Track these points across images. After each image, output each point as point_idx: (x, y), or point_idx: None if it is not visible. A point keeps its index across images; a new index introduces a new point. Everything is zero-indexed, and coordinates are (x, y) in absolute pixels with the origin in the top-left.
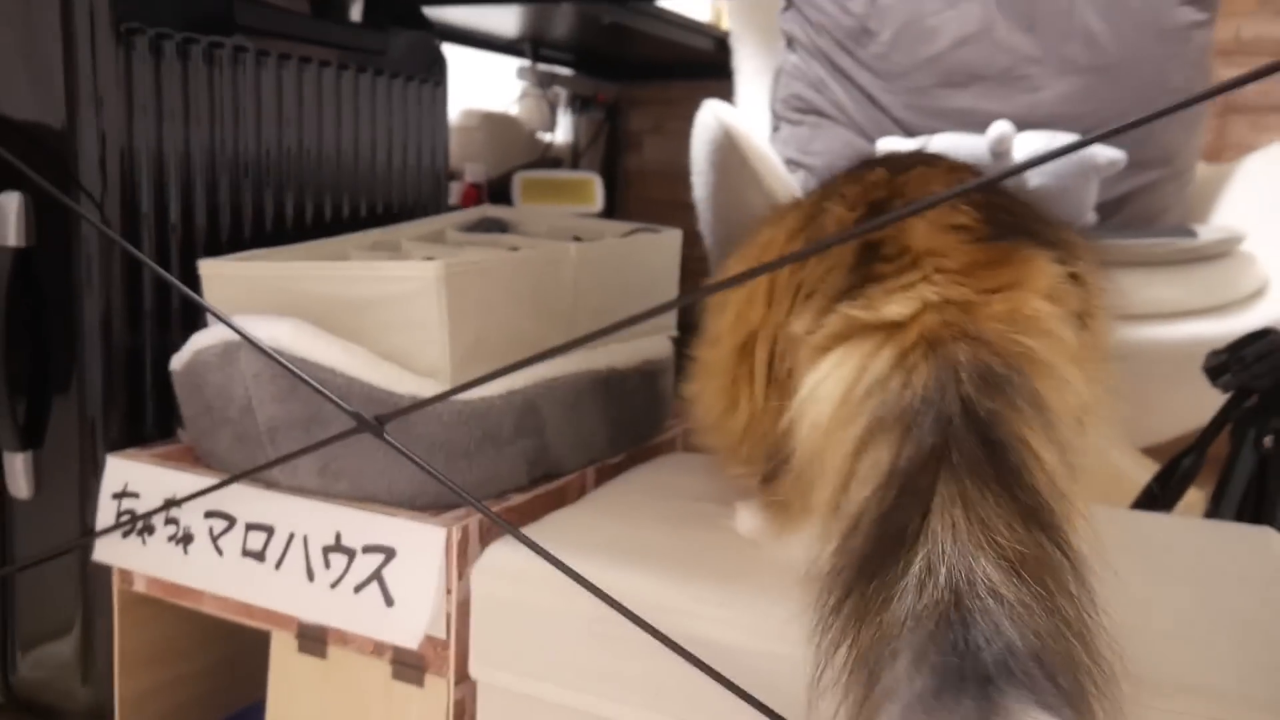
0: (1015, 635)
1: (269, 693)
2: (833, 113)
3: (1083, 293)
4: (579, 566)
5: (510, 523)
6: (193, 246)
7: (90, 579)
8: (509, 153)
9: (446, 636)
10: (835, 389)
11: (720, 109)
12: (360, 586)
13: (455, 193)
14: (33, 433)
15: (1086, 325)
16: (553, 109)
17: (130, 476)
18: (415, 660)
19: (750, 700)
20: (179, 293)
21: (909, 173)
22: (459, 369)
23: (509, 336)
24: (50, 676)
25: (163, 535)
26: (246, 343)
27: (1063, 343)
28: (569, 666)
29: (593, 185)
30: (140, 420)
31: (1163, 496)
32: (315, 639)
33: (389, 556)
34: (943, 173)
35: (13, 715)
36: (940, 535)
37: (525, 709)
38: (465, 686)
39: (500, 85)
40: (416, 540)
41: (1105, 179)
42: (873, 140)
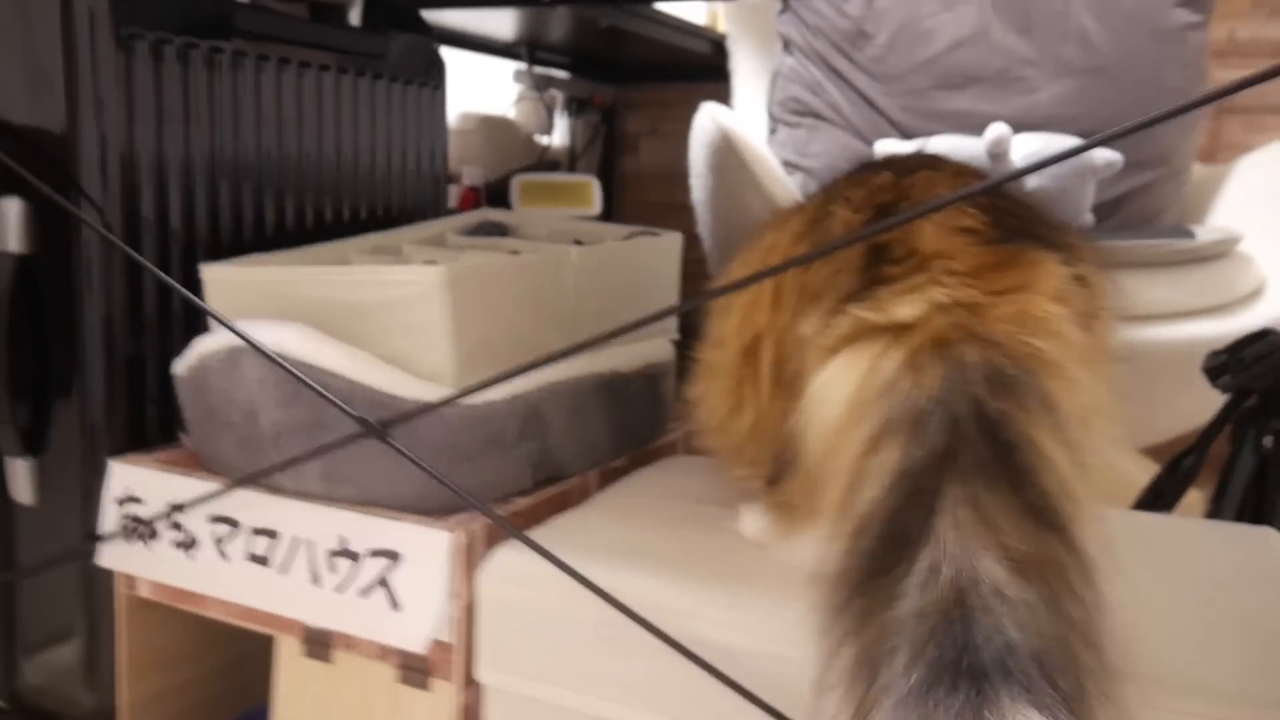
0: (1016, 635)
1: (275, 698)
2: (830, 115)
3: (1088, 294)
4: (584, 569)
5: (515, 526)
6: (194, 251)
7: (94, 584)
8: (506, 156)
9: (453, 640)
10: (844, 390)
11: (718, 112)
12: (366, 591)
13: (453, 196)
14: (35, 438)
15: (1091, 327)
16: (549, 112)
17: (133, 481)
18: (421, 664)
19: (756, 702)
20: (181, 298)
21: (914, 175)
22: (462, 373)
23: (511, 340)
24: (55, 682)
25: (167, 540)
26: (251, 347)
27: (1071, 344)
28: (575, 669)
29: (591, 188)
30: (142, 425)
31: (1163, 497)
32: (321, 643)
33: (394, 561)
34: (948, 176)
35: None
36: (945, 535)
37: (532, 712)
38: (472, 690)
39: (497, 88)
40: (422, 544)
41: (1102, 180)
42: (870, 142)
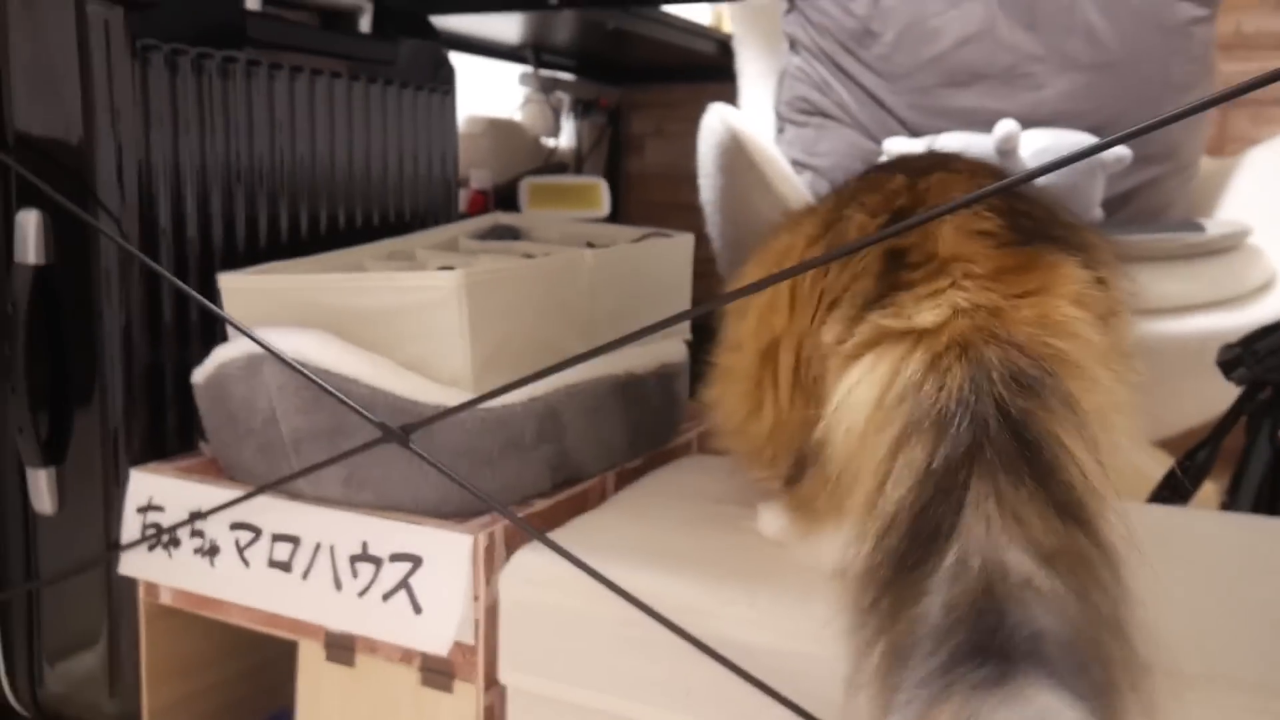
0: (1046, 624)
1: (298, 702)
2: (837, 114)
3: (1107, 296)
4: (604, 570)
5: (534, 528)
6: (210, 260)
7: (116, 592)
8: (514, 159)
9: (475, 642)
10: (868, 394)
11: (727, 112)
12: (388, 595)
13: (462, 200)
14: (55, 448)
15: (1110, 326)
16: (556, 114)
17: (154, 490)
18: (444, 667)
19: (783, 700)
20: (200, 306)
21: (929, 178)
22: (480, 377)
23: (528, 343)
24: (78, 690)
25: (188, 548)
26: (271, 355)
27: (1091, 345)
28: (597, 670)
29: (599, 190)
30: (161, 434)
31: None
32: (343, 647)
33: (416, 564)
34: (964, 177)
35: None
36: (974, 529)
37: (554, 712)
38: (494, 692)
39: (503, 91)
40: (443, 547)
41: (1111, 175)
42: (878, 140)
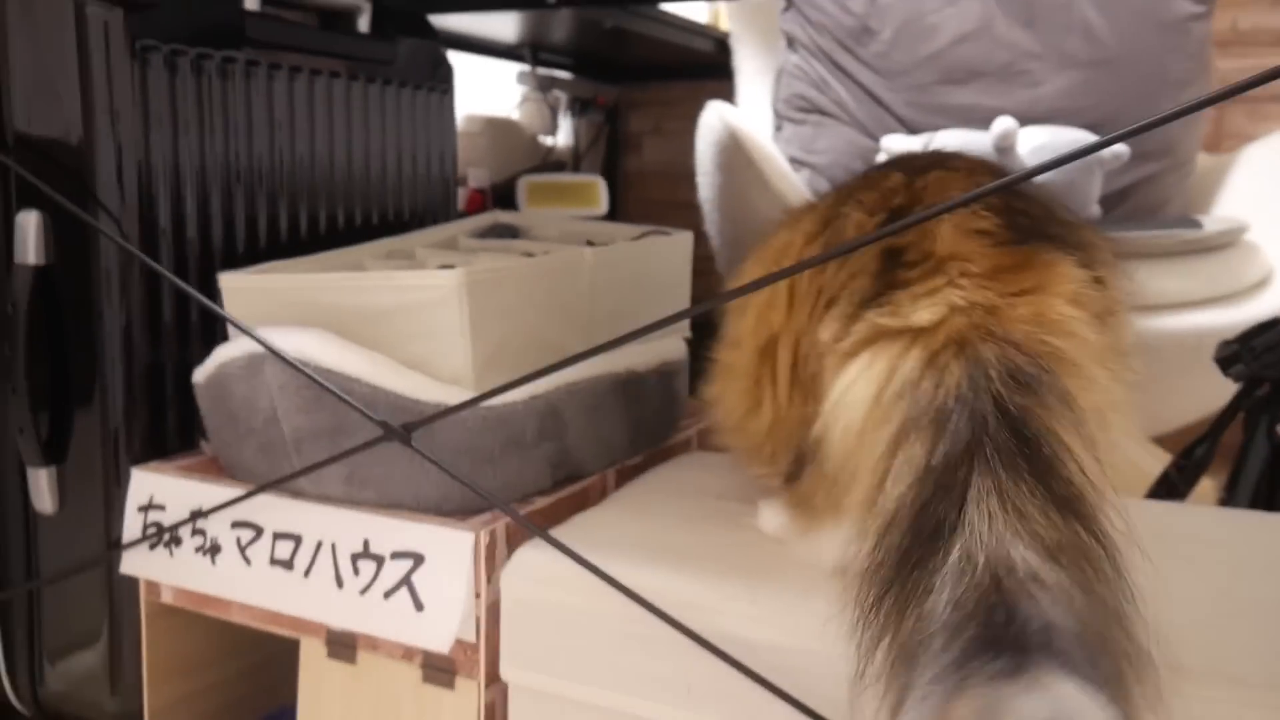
0: (1055, 617)
1: (299, 700)
2: (835, 111)
3: (1104, 294)
4: (606, 567)
5: (535, 525)
6: (210, 260)
7: (117, 591)
8: (511, 157)
9: (476, 640)
10: (866, 391)
11: (725, 110)
12: (390, 592)
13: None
14: (56, 448)
15: (1107, 325)
16: (553, 112)
17: (155, 489)
18: (446, 664)
19: (784, 696)
20: (200, 306)
21: (926, 176)
22: (481, 375)
23: (529, 341)
24: (79, 688)
25: (190, 546)
26: (272, 354)
27: (1087, 344)
28: (599, 666)
29: (597, 188)
30: (162, 433)
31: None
32: (345, 645)
33: (418, 562)
34: (961, 176)
35: None
36: (977, 525)
37: (556, 709)
38: (496, 689)
39: (501, 90)
40: (445, 545)
41: (1108, 172)
42: (875, 138)
